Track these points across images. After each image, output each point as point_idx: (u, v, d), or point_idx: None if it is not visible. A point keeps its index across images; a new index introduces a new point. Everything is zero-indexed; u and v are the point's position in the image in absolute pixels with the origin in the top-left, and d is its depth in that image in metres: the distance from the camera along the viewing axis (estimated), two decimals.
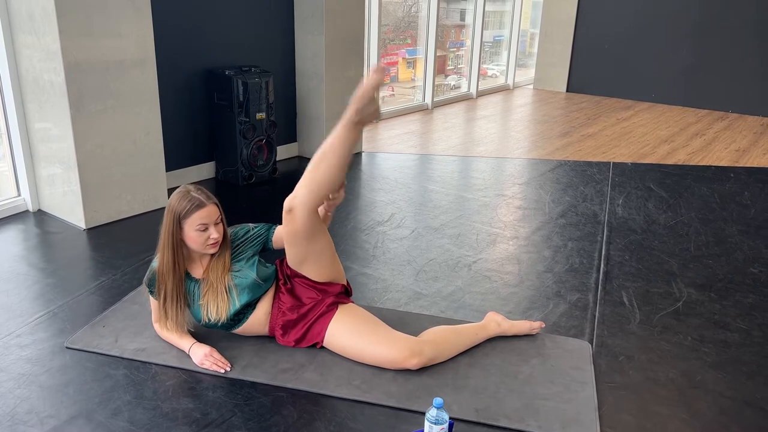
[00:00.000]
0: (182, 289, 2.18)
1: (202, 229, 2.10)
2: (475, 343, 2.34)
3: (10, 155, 3.58)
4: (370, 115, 2.10)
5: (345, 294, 2.33)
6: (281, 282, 2.27)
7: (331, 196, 2.19)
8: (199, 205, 2.09)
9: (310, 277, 2.24)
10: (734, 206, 4.11)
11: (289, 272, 2.27)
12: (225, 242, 2.20)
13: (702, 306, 2.76)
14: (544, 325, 2.50)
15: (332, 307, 2.23)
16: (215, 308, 2.18)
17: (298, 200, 2.08)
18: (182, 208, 2.08)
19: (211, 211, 2.11)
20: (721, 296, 2.86)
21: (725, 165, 5.16)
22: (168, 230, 2.10)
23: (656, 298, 2.82)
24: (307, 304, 2.24)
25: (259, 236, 2.25)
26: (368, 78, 2.06)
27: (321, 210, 2.24)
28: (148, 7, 3.45)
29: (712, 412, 2.05)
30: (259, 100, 4.19)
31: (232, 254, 2.22)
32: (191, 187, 2.14)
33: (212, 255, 2.20)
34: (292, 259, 2.23)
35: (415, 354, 2.13)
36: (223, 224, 2.19)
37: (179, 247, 2.13)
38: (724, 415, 2.04)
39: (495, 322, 2.41)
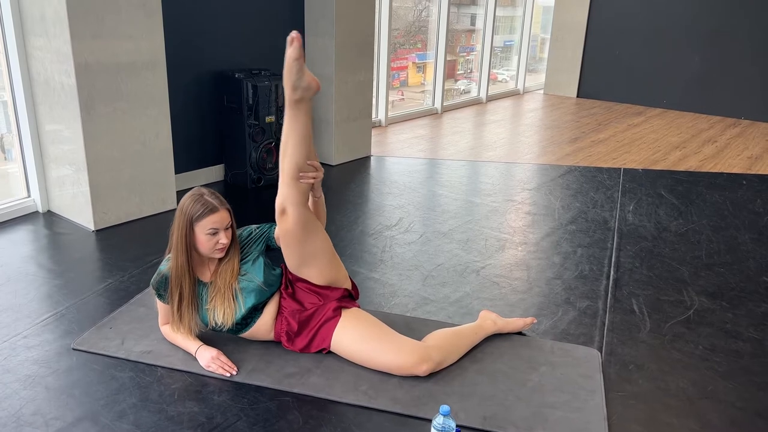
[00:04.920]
0: (196, 292, 2.18)
1: (212, 233, 2.10)
2: (475, 344, 2.35)
3: (20, 156, 3.60)
4: (306, 88, 2.05)
5: (349, 298, 2.32)
6: (283, 287, 2.27)
7: (301, 174, 2.09)
8: (212, 210, 2.09)
9: (310, 279, 2.23)
10: (746, 214, 4.06)
11: (290, 276, 2.27)
12: (234, 248, 2.20)
13: (713, 315, 2.72)
14: (536, 321, 2.55)
15: (337, 312, 2.22)
16: (222, 313, 2.17)
17: (285, 197, 2.08)
18: (195, 211, 2.08)
19: (222, 216, 2.11)
20: (733, 305, 2.82)
21: (737, 172, 5.11)
22: (181, 233, 2.10)
23: (667, 306, 2.79)
24: (309, 309, 2.22)
25: (261, 234, 2.25)
26: (287, 53, 2.00)
27: (310, 200, 2.22)
28: (159, 9, 3.46)
29: (723, 423, 2.02)
30: (269, 104, 4.20)
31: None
32: (205, 191, 2.14)
33: (220, 259, 2.19)
34: (290, 262, 2.22)
35: (424, 360, 2.11)
36: (233, 230, 2.18)
37: (192, 250, 2.13)
38: (735, 426, 2.01)
39: (490, 320, 2.44)
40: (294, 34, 1.95)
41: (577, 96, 8.74)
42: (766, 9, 7.14)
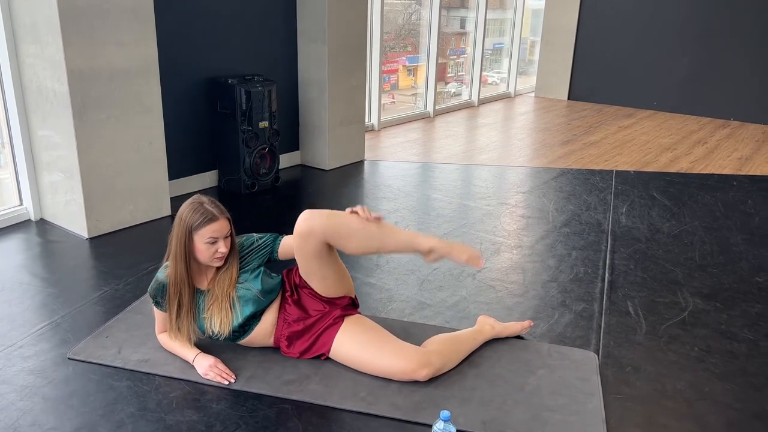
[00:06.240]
0: (194, 301, 2.17)
1: (211, 242, 2.09)
2: (474, 348, 2.36)
3: (13, 164, 3.57)
4: (440, 257, 2.15)
5: (352, 306, 2.32)
6: (288, 293, 2.26)
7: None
8: (212, 219, 2.08)
9: (316, 291, 2.23)
10: (738, 215, 4.10)
11: (297, 281, 2.26)
12: (233, 256, 2.19)
13: (708, 316, 2.74)
14: (533, 324, 2.57)
15: (339, 320, 2.22)
16: (218, 322, 2.16)
17: (319, 229, 2.05)
18: (194, 220, 2.07)
19: (222, 225, 2.10)
20: (727, 306, 2.84)
21: (728, 173, 5.15)
22: (180, 241, 2.08)
23: (662, 307, 2.81)
24: (314, 315, 2.22)
25: (265, 247, 2.23)
26: (469, 255, 2.13)
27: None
28: (152, 16, 3.45)
29: (720, 425, 2.03)
30: (262, 109, 4.19)
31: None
32: (204, 199, 2.13)
33: (218, 268, 2.19)
34: (302, 270, 2.21)
35: (424, 365, 2.12)
36: (233, 239, 2.18)
37: (191, 259, 2.12)
38: (732, 427, 2.02)
39: (489, 325, 2.45)
40: (481, 261, 2.15)
41: (568, 98, 8.78)
42: (754, 11, 7.21)
